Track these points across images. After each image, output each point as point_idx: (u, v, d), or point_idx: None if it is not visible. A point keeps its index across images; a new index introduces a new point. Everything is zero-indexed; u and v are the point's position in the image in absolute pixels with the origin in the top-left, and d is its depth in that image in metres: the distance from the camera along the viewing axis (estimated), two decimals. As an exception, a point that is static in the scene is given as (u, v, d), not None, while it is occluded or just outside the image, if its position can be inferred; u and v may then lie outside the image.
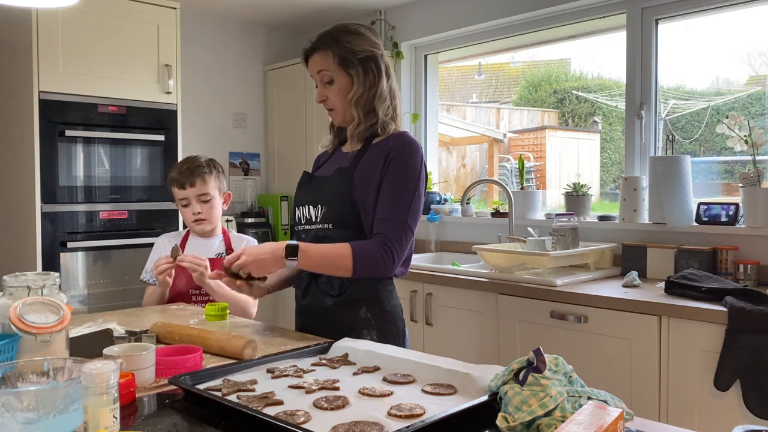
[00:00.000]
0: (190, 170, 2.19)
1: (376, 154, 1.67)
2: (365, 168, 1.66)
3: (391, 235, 1.59)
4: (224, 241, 2.29)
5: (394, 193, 1.62)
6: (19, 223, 3.10)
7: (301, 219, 1.76)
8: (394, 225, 1.60)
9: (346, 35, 1.68)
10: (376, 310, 1.67)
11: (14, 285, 1.20)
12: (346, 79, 1.68)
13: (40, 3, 2.27)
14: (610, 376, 2.24)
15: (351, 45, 1.67)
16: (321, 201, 1.70)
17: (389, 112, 1.72)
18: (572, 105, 5.48)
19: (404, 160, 1.64)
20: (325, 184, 1.72)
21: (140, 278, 2.27)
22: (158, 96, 3.31)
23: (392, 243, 1.59)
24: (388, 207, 1.62)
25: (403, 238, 1.61)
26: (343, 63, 1.67)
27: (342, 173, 1.68)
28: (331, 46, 1.68)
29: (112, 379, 0.92)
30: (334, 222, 1.66)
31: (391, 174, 1.63)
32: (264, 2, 3.88)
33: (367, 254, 1.57)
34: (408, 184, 1.63)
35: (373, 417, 0.99)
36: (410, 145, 1.66)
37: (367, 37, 1.71)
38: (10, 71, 3.17)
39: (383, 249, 1.58)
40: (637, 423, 1.00)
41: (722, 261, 2.51)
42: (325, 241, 1.66)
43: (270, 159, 4.41)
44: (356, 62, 1.67)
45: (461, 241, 3.51)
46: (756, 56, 3.08)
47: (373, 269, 1.59)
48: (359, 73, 1.67)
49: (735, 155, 2.98)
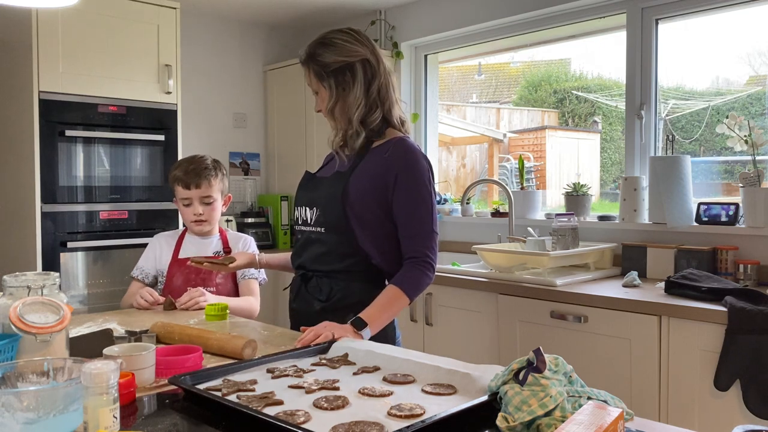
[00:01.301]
0: (197, 172, 2.18)
1: (375, 159, 1.70)
2: (362, 173, 1.68)
3: (422, 249, 1.67)
4: (221, 239, 2.29)
5: (413, 208, 1.67)
6: (19, 223, 3.10)
7: (298, 219, 1.80)
8: (422, 239, 1.67)
9: (319, 48, 1.72)
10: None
11: (14, 285, 1.20)
12: (324, 91, 1.73)
13: (40, 3, 2.28)
14: (610, 376, 2.23)
15: (323, 58, 1.70)
16: (316, 203, 1.73)
17: (377, 116, 1.72)
18: (572, 105, 5.48)
19: (412, 171, 1.67)
20: (322, 187, 1.75)
21: (130, 274, 2.26)
22: (158, 96, 3.31)
23: (427, 256, 1.67)
24: (413, 223, 1.67)
25: (433, 245, 1.69)
26: (318, 77, 1.72)
27: (338, 177, 1.72)
28: (308, 62, 1.73)
29: (112, 379, 0.92)
30: (327, 226, 1.69)
31: (403, 189, 1.67)
32: (264, 2, 3.88)
33: (414, 282, 1.66)
34: (423, 196, 1.68)
35: (373, 417, 0.99)
36: (412, 154, 1.69)
37: (342, 47, 1.70)
38: (10, 71, 3.17)
39: (422, 268, 1.66)
40: (637, 423, 1.00)
41: (722, 261, 2.51)
42: (316, 245, 1.72)
43: (270, 159, 4.41)
44: (329, 74, 1.71)
45: (461, 241, 3.51)
46: (756, 56, 3.08)
47: (424, 286, 1.69)
48: (332, 86, 1.71)
49: (735, 155, 2.98)
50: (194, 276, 2.19)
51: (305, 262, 1.76)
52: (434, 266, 1.69)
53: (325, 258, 1.70)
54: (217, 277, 2.21)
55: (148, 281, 2.23)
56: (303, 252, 1.77)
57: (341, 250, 1.68)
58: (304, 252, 1.76)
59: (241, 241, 2.30)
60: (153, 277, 2.25)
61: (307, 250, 1.75)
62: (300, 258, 1.78)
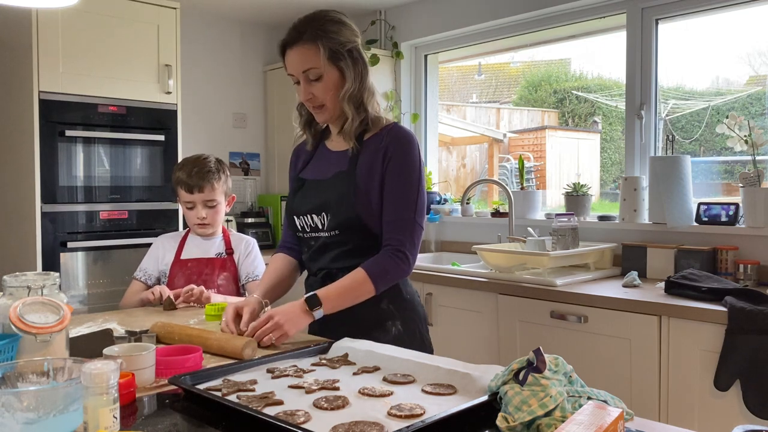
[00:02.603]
0: (200, 175, 2.16)
1: (371, 152, 1.62)
2: (364, 168, 1.61)
3: (400, 237, 1.58)
4: (224, 240, 2.28)
5: (398, 192, 1.59)
6: (19, 223, 3.10)
7: (305, 228, 1.70)
8: (402, 226, 1.58)
9: (332, 25, 1.57)
10: (397, 299, 1.66)
11: (14, 285, 1.20)
12: (336, 74, 1.58)
13: (40, 3, 2.27)
14: (610, 376, 2.23)
15: (338, 36, 1.57)
16: (325, 208, 1.64)
17: (375, 105, 1.65)
18: (572, 105, 5.48)
19: (403, 156, 1.60)
20: (325, 190, 1.66)
21: (133, 275, 2.25)
22: (158, 96, 3.31)
23: (402, 245, 1.58)
24: (395, 208, 1.59)
25: (413, 236, 1.60)
26: (334, 57, 1.57)
27: (343, 177, 1.63)
28: (320, 38, 1.55)
29: (112, 379, 0.92)
30: (341, 228, 1.62)
31: (391, 173, 1.59)
32: (264, 2, 3.88)
33: (382, 268, 1.56)
34: (410, 180, 1.60)
35: (373, 417, 0.99)
36: (406, 138, 1.62)
37: (350, 26, 1.62)
38: (10, 71, 3.17)
39: (395, 256, 1.57)
40: (637, 423, 1.00)
41: (722, 261, 2.51)
42: (334, 247, 1.64)
43: (270, 159, 4.40)
44: (345, 54, 1.58)
45: (461, 241, 3.51)
46: (756, 56, 3.08)
47: (394, 278, 1.60)
48: (349, 67, 1.58)
49: (735, 155, 2.98)
50: (196, 277, 2.19)
51: (326, 264, 1.68)
52: (409, 258, 1.59)
53: (347, 255, 1.63)
54: (219, 278, 2.21)
55: (151, 282, 2.22)
56: (320, 257, 1.68)
57: (362, 245, 1.62)
58: (322, 256, 1.68)
59: (243, 243, 2.29)
60: (156, 278, 2.24)
61: (326, 254, 1.67)
62: (318, 262, 1.69)
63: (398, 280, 1.62)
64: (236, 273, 2.24)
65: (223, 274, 2.21)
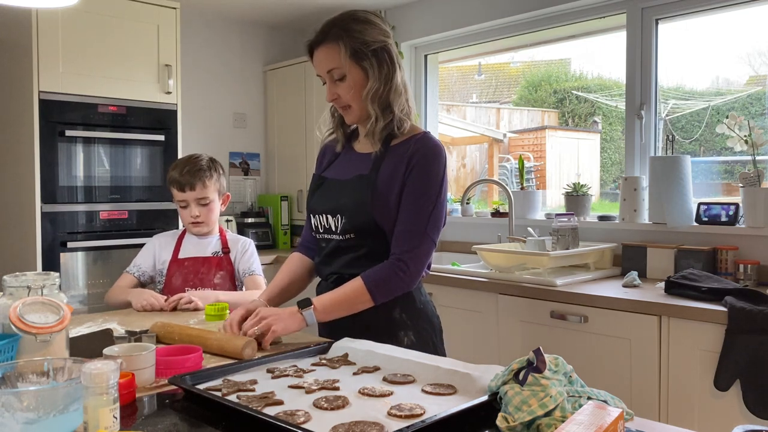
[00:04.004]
0: (191, 173, 2.17)
1: (396, 159, 1.58)
2: (386, 174, 1.57)
3: (406, 248, 1.54)
4: (221, 240, 2.29)
5: (415, 202, 1.55)
6: (19, 223, 3.10)
7: (319, 228, 1.68)
8: (411, 237, 1.54)
9: (356, 24, 1.55)
10: (410, 309, 1.62)
11: (14, 285, 1.20)
12: (359, 73, 1.56)
13: (40, 3, 2.27)
14: (610, 376, 2.23)
15: (363, 35, 1.55)
16: (340, 210, 1.60)
17: (404, 107, 1.61)
18: (572, 105, 5.49)
19: (426, 167, 1.56)
20: (343, 192, 1.62)
21: (126, 270, 2.24)
22: (158, 96, 3.31)
23: (407, 256, 1.53)
24: (408, 218, 1.55)
25: (420, 249, 1.55)
26: (356, 56, 1.55)
27: (362, 181, 1.59)
28: (342, 38, 1.54)
29: (112, 379, 0.92)
30: (356, 232, 1.59)
31: (412, 182, 1.55)
32: (264, 2, 3.88)
33: (380, 278, 1.53)
34: (429, 192, 1.56)
35: (373, 417, 0.99)
36: (433, 150, 1.58)
37: (378, 26, 1.59)
38: (10, 71, 3.17)
39: (397, 267, 1.53)
40: (637, 423, 1.00)
41: (722, 261, 2.51)
42: (347, 252, 1.61)
43: (270, 159, 4.41)
44: (370, 54, 1.55)
45: (461, 241, 3.51)
46: (756, 56, 3.08)
47: (393, 289, 1.55)
48: (373, 66, 1.56)
49: (735, 155, 2.98)
50: (193, 276, 2.19)
51: (338, 269, 1.64)
52: (411, 270, 1.54)
53: (360, 261, 1.60)
54: (215, 277, 2.21)
55: (144, 279, 2.23)
56: (333, 260, 1.65)
57: (376, 251, 1.58)
58: (335, 260, 1.65)
59: (240, 242, 2.29)
60: (149, 276, 2.24)
61: (339, 258, 1.64)
62: (330, 266, 1.66)
63: (400, 292, 1.58)
64: (233, 272, 2.24)
65: (219, 272, 2.21)
